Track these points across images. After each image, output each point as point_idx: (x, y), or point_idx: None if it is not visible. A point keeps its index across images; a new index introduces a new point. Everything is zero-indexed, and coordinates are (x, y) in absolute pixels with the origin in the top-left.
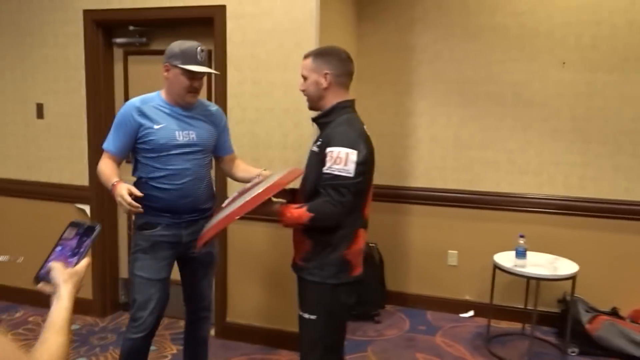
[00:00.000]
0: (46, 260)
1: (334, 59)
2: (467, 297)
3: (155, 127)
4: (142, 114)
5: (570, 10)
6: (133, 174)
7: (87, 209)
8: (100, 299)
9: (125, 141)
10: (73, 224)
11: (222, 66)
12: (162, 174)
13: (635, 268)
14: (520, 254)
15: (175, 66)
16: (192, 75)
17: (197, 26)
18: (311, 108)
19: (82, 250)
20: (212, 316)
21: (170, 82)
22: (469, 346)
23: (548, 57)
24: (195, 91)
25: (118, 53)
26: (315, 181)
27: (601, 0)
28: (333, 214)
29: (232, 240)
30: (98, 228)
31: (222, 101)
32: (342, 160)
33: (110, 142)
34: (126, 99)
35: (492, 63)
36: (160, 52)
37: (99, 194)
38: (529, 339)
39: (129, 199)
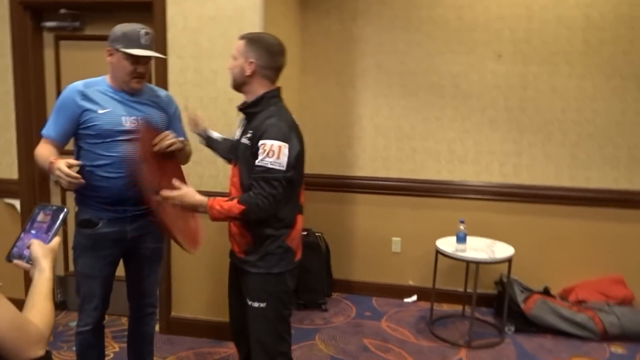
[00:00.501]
0: (17, 240)
1: (264, 51)
2: (411, 282)
3: (100, 111)
4: (86, 97)
5: (505, 4)
6: None
7: (16, 204)
8: None
9: (66, 126)
10: (41, 207)
11: (162, 53)
12: (107, 161)
13: (564, 249)
14: (461, 239)
15: (118, 50)
16: (135, 59)
17: (135, 11)
18: (234, 87)
19: (54, 229)
20: (157, 313)
21: (114, 67)
22: (413, 329)
23: (485, 49)
24: (140, 76)
25: (48, 38)
26: (249, 174)
27: None
28: (264, 207)
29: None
30: (66, 209)
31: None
32: (274, 153)
33: (50, 128)
34: (58, 86)
35: (433, 55)
36: (96, 38)
37: (29, 188)
38: (469, 320)
39: (67, 169)
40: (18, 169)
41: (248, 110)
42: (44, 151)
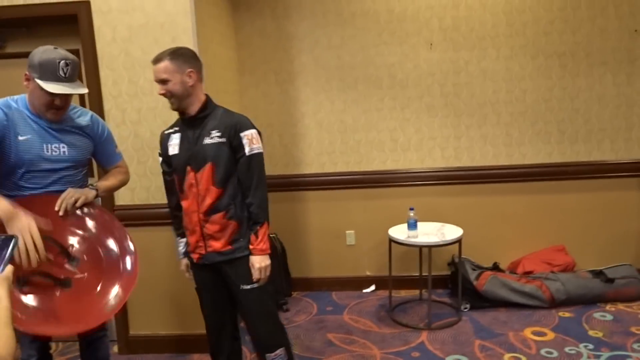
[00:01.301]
0: None
1: (190, 58)
2: (368, 273)
3: (20, 138)
4: (8, 119)
5: None
6: None
7: None
8: None
9: None
10: None
11: (93, 66)
12: (26, 193)
13: (509, 225)
14: (412, 226)
15: (34, 79)
16: (51, 93)
17: (59, 24)
18: (177, 108)
19: (5, 258)
20: (109, 334)
21: (31, 94)
22: (374, 318)
23: (416, 39)
24: (57, 109)
25: None
26: (228, 167)
27: None
28: (266, 192)
29: None
30: (16, 238)
31: (97, 104)
32: (256, 139)
33: None
34: None
35: (367, 47)
36: (17, 55)
37: None
38: (427, 302)
39: (40, 241)
40: None
41: (200, 115)
42: None
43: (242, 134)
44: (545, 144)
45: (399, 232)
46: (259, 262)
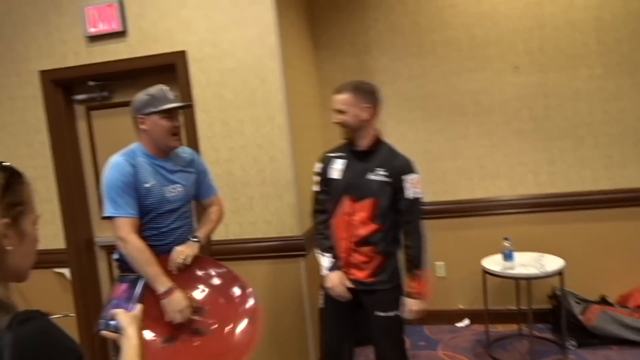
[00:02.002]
0: (103, 312)
1: (371, 95)
2: (461, 306)
3: (146, 185)
4: (136, 171)
5: (515, 18)
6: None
7: (66, 272)
8: None
9: (135, 201)
10: (120, 278)
11: (190, 110)
12: (150, 232)
13: (615, 253)
14: (508, 257)
15: (150, 114)
16: (170, 115)
17: (159, 73)
18: (348, 138)
19: (135, 297)
20: None
21: (151, 132)
22: (471, 355)
23: (501, 63)
24: (177, 132)
25: (80, 110)
26: (388, 205)
27: (541, 4)
28: (426, 238)
29: None
30: (143, 279)
31: (193, 144)
32: (417, 184)
33: (123, 207)
34: (93, 155)
35: (450, 75)
36: (124, 104)
37: (77, 255)
38: (528, 338)
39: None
40: (65, 239)
41: (369, 150)
42: (145, 254)
43: (406, 177)
44: None
45: (493, 263)
46: (416, 306)
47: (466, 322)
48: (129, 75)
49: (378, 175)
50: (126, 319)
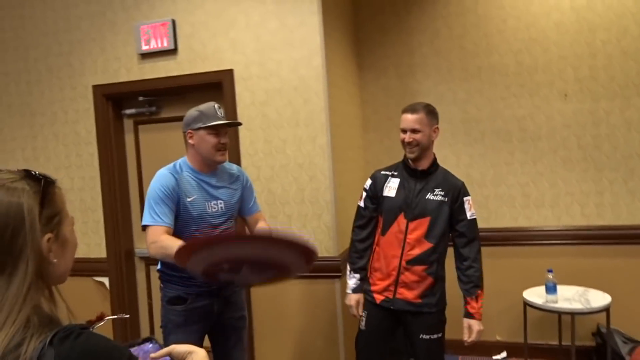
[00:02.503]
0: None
1: (437, 117)
2: (498, 338)
3: (188, 199)
4: (179, 184)
5: (565, 45)
6: None
7: (106, 281)
8: None
9: (173, 212)
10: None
11: (233, 127)
12: None
13: None
14: (551, 290)
15: (199, 129)
16: (217, 131)
17: (205, 91)
18: (416, 157)
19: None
20: None
21: (198, 147)
22: None
23: (549, 90)
24: (223, 148)
25: (128, 124)
26: (443, 226)
27: (594, 32)
28: (480, 252)
29: (256, 299)
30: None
31: (236, 161)
32: (472, 206)
33: (159, 216)
34: (139, 168)
35: (495, 100)
36: (170, 120)
37: (117, 265)
38: None
39: None
40: (106, 248)
41: (429, 170)
42: (173, 241)
43: (465, 198)
44: None
45: (535, 295)
46: (478, 326)
47: (503, 354)
48: (177, 91)
49: (436, 195)
50: (186, 348)
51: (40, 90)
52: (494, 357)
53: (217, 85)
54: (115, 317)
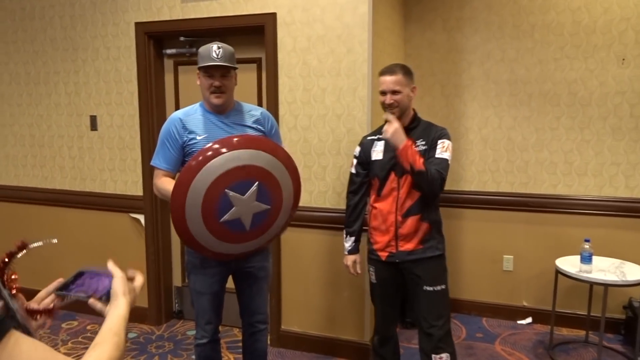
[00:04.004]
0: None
1: (413, 75)
2: (525, 304)
3: (199, 137)
4: (184, 126)
5: (629, 4)
6: None
7: (141, 218)
8: (155, 308)
9: (174, 155)
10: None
11: (273, 74)
12: None
13: None
14: (586, 259)
15: (199, 69)
16: (209, 73)
17: (247, 34)
18: (397, 117)
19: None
20: (268, 328)
21: (200, 87)
22: (531, 354)
23: (605, 53)
24: (218, 91)
25: (168, 64)
26: None
27: None
28: (436, 182)
29: (285, 248)
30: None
31: (273, 108)
32: (448, 148)
33: (159, 159)
34: (177, 108)
35: (546, 61)
36: None
37: (153, 203)
38: (595, 347)
39: None
40: (143, 186)
41: (409, 127)
42: (166, 184)
43: (440, 141)
44: None
45: (568, 264)
46: (394, 132)
47: (529, 320)
48: (218, 33)
49: (418, 147)
50: (123, 288)
51: (84, 25)
52: (519, 322)
53: (259, 29)
54: (40, 243)
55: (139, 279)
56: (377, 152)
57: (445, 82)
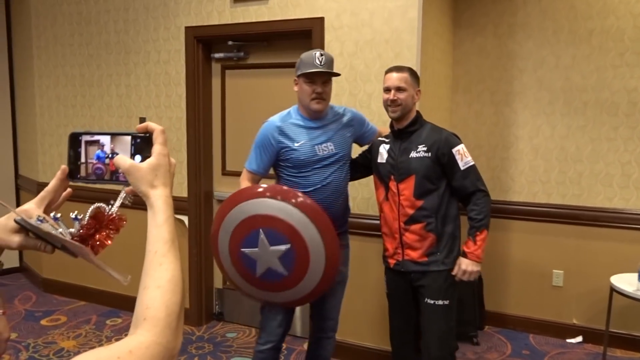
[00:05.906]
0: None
1: (418, 79)
2: (575, 321)
3: (295, 145)
4: (282, 133)
5: None
6: None
7: (185, 219)
8: (196, 309)
9: (267, 160)
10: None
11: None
12: (304, 189)
13: None
14: None
15: (299, 76)
16: (311, 80)
17: (294, 39)
18: (398, 117)
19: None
20: (335, 337)
21: (299, 94)
22: None
23: None
24: (319, 97)
25: (216, 68)
26: (429, 180)
27: None
28: (490, 202)
29: None
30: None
31: None
32: (466, 153)
33: (252, 162)
34: (222, 112)
35: (604, 69)
36: (257, 66)
37: (196, 205)
38: None
39: None
40: (187, 188)
41: (409, 129)
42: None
43: (454, 150)
44: None
45: (624, 282)
46: (467, 265)
47: (579, 339)
48: (266, 38)
49: (419, 152)
50: (146, 177)
51: (136, 29)
52: (568, 340)
53: (306, 34)
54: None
55: (156, 148)
56: (382, 156)
57: (495, 89)
